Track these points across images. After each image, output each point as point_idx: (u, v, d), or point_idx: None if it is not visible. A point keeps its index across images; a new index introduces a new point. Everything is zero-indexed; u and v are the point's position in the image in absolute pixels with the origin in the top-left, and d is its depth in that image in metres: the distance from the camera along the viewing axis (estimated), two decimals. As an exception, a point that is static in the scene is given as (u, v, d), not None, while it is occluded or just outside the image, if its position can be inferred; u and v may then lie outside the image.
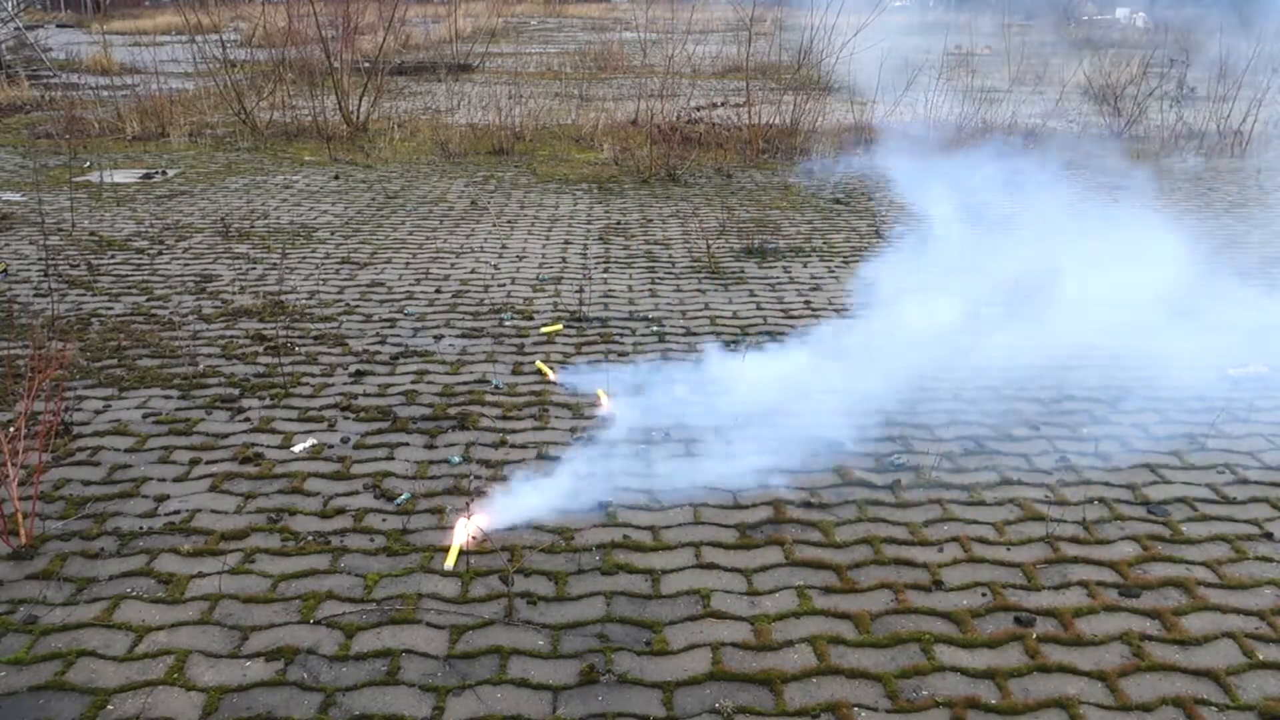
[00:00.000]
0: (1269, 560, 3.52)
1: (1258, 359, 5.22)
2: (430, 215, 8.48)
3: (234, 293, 6.36)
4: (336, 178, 10.03)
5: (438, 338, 5.61)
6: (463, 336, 5.63)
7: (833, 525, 3.72)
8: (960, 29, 19.78)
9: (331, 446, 4.32)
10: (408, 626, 3.16)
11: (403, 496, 3.89)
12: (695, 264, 7.00)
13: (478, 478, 4.04)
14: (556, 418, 4.58)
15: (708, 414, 4.56)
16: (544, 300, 6.24)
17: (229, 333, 5.66)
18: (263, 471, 4.10)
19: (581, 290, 6.37)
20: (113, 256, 7.16)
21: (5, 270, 6.81)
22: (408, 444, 4.35)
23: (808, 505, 3.86)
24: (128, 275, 6.73)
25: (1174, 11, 20.68)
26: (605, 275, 6.77)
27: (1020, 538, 3.65)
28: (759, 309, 6.09)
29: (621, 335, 5.63)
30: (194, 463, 4.17)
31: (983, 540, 3.64)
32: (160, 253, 7.28)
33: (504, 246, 7.50)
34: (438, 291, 6.43)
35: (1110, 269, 5.66)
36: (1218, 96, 11.71)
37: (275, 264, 6.93)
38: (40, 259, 7.01)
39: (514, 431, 4.45)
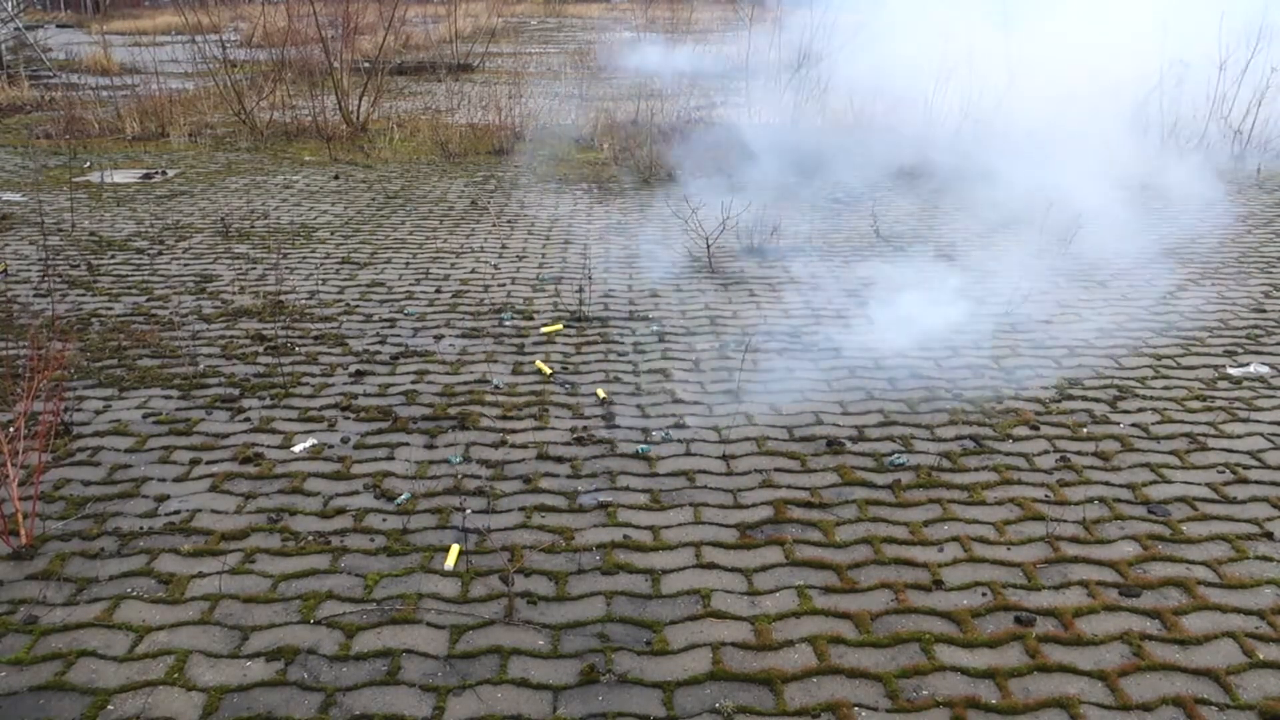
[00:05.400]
0: (1269, 560, 3.52)
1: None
2: (430, 215, 8.48)
3: (234, 293, 6.36)
4: (336, 178, 10.03)
5: (438, 338, 5.61)
6: (463, 336, 5.63)
7: (833, 525, 3.72)
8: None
9: (331, 446, 4.32)
10: (408, 626, 3.16)
11: (403, 496, 3.89)
12: (695, 264, 7.00)
13: (474, 477, 4.05)
14: (557, 417, 4.59)
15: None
16: (544, 300, 6.24)
17: (229, 333, 5.66)
18: (263, 471, 4.10)
19: (581, 290, 6.37)
20: (113, 256, 7.17)
21: (5, 270, 6.81)
22: (408, 444, 4.35)
23: (808, 505, 3.86)
24: (128, 275, 6.73)
25: None
26: (605, 275, 6.77)
27: (1020, 537, 3.65)
28: (759, 309, 6.09)
29: (621, 335, 5.63)
30: (194, 463, 4.18)
31: (983, 540, 3.64)
32: (160, 253, 7.28)
33: (504, 246, 7.50)
34: (438, 291, 6.43)
35: None
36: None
37: (275, 264, 6.93)
38: (40, 259, 7.01)
39: (514, 431, 4.45)
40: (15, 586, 3.34)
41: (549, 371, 5.10)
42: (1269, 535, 3.67)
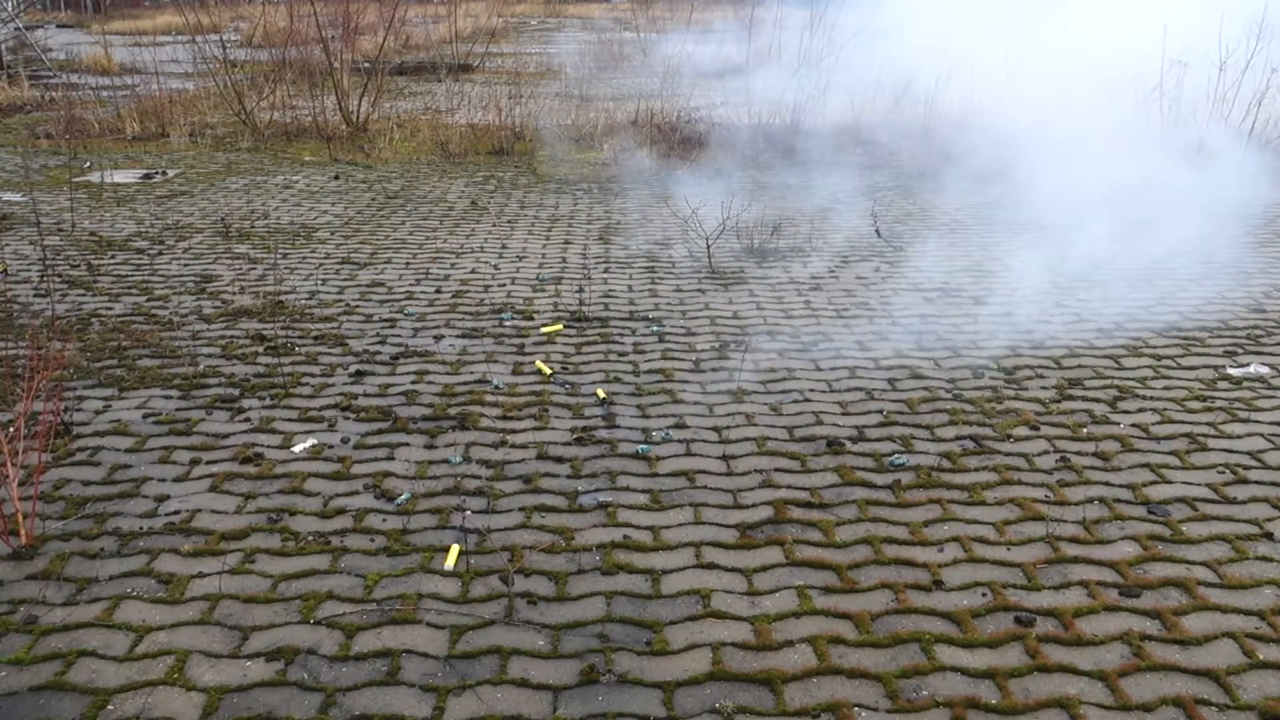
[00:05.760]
0: (1269, 560, 3.52)
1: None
2: (430, 215, 8.48)
3: (234, 293, 6.36)
4: (336, 178, 10.03)
5: (438, 338, 5.61)
6: (463, 336, 5.63)
7: (833, 525, 3.72)
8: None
9: (331, 446, 4.32)
10: (408, 626, 3.16)
11: (403, 496, 3.89)
12: (695, 264, 7.00)
13: (474, 478, 4.05)
14: (557, 418, 4.59)
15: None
16: (544, 300, 6.24)
17: (229, 333, 5.66)
18: (263, 471, 4.10)
19: (581, 290, 6.37)
20: (113, 256, 7.17)
21: (5, 270, 6.81)
22: (408, 444, 4.35)
23: (808, 505, 3.86)
24: (128, 275, 6.73)
25: None
26: (605, 275, 6.77)
27: (1020, 537, 3.65)
28: (759, 309, 6.09)
29: (621, 335, 5.63)
30: (194, 463, 4.17)
31: (983, 540, 3.64)
32: (160, 253, 7.28)
33: (504, 246, 7.50)
34: (438, 291, 6.43)
35: None
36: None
37: (274, 264, 6.93)
38: (40, 259, 7.01)
39: (514, 431, 4.45)
40: (15, 586, 3.34)
41: (549, 372, 5.10)
42: (1269, 535, 3.67)
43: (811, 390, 4.90)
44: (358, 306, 6.14)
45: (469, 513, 3.78)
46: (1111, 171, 8.07)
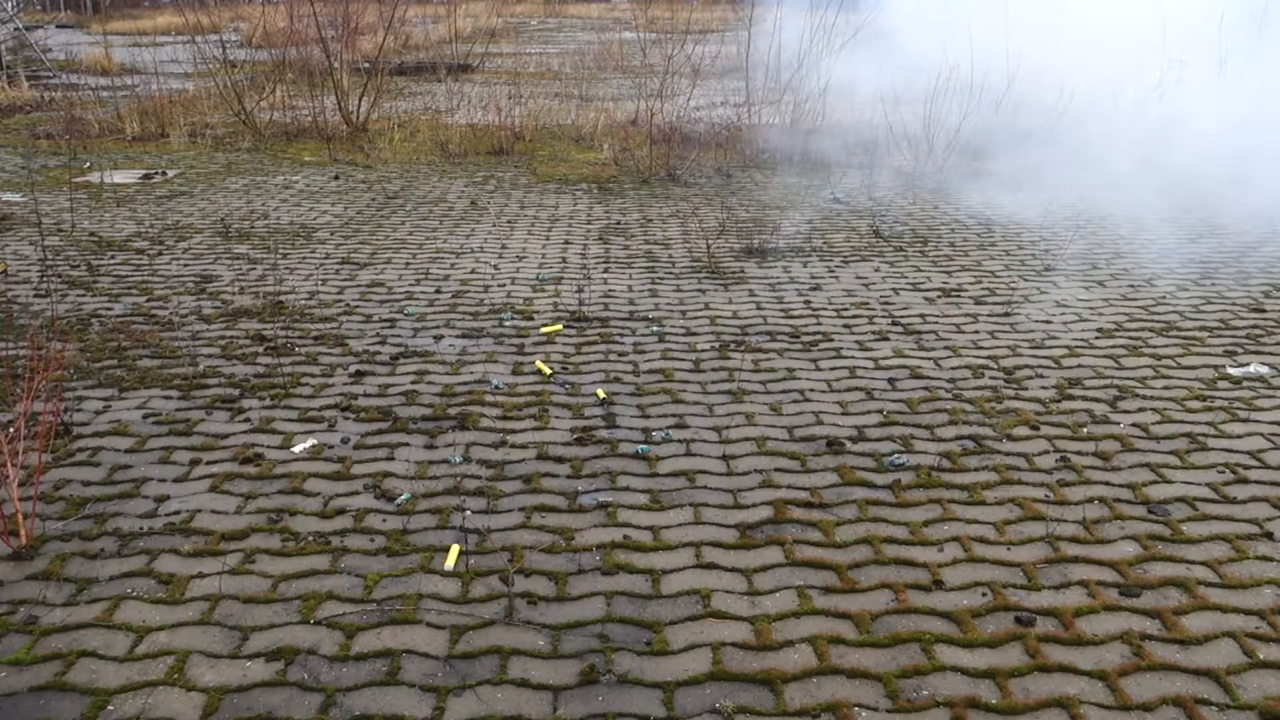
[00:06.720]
0: (1269, 560, 3.52)
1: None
2: (430, 215, 8.48)
3: (234, 293, 6.36)
4: (336, 178, 10.03)
5: (438, 338, 5.61)
6: (463, 336, 5.63)
7: (833, 525, 3.72)
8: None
9: (331, 447, 4.32)
10: (408, 627, 3.16)
11: (403, 497, 3.89)
12: (695, 264, 7.00)
13: (474, 478, 4.05)
14: (557, 418, 4.59)
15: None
16: (544, 300, 6.24)
17: (229, 333, 5.66)
18: (263, 472, 4.10)
19: (581, 290, 6.37)
20: (113, 257, 7.17)
21: (5, 270, 6.82)
22: (408, 444, 4.35)
23: (808, 505, 3.86)
24: (128, 275, 6.73)
25: None
26: (605, 275, 6.77)
27: (1020, 537, 3.65)
28: (759, 309, 6.09)
29: (621, 335, 5.63)
30: (194, 463, 4.17)
31: (983, 540, 3.64)
32: (160, 253, 7.28)
33: (504, 246, 7.50)
34: (437, 292, 6.43)
35: None
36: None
37: (274, 264, 6.93)
38: (40, 259, 7.01)
39: (514, 431, 4.45)
40: (15, 586, 3.34)
41: (549, 372, 5.10)
42: (1269, 535, 3.67)
43: (812, 390, 4.91)
44: (357, 307, 6.14)
45: (469, 513, 3.78)
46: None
